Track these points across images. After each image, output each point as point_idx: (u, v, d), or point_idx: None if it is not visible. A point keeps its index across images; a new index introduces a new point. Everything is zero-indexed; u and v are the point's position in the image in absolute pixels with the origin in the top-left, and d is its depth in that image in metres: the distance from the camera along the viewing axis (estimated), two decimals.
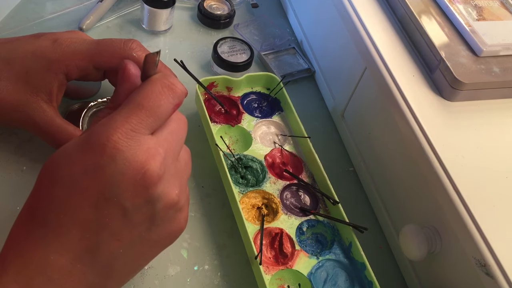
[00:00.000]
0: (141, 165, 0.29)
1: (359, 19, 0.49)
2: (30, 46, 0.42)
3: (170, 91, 0.32)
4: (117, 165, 0.29)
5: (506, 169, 0.40)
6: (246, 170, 0.48)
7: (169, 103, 0.32)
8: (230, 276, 0.43)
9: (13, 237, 0.30)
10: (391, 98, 0.44)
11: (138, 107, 0.30)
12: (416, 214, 0.44)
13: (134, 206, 0.30)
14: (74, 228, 0.29)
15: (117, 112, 0.30)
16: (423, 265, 0.44)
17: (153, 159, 0.30)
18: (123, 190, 0.29)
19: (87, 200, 0.29)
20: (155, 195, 0.30)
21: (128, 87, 0.33)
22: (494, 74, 0.44)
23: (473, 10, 0.49)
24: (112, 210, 0.29)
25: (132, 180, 0.29)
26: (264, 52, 0.63)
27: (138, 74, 0.33)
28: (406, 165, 0.45)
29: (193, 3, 0.68)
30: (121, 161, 0.29)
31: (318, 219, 0.47)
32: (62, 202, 0.29)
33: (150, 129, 0.31)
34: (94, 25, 0.60)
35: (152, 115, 0.30)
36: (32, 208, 0.30)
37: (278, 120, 0.54)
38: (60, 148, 0.30)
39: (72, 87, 0.49)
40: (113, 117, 0.30)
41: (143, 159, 0.29)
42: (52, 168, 0.30)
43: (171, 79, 0.32)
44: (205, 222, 0.47)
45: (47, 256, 0.29)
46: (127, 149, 0.29)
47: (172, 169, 0.32)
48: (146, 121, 0.30)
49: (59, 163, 0.30)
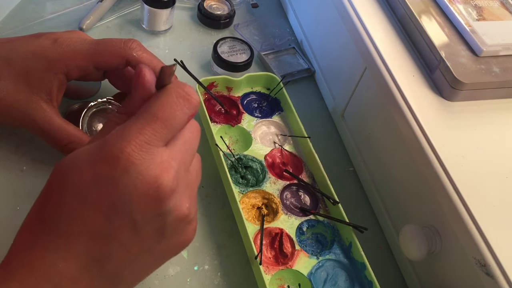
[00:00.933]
0: (154, 179, 0.29)
1: (359, 19, 0.49)
2: (30, 46, 0.42)
3: (185, 101, 0.31)
4: (130, 178, 0.28)
5: (506, 169, 0.40)
6: (246, 170, 0.48)
7: (184, 114, 0.31)
8: (230, 276, 0.43)
9: (20, 242, 0.30)
10: (391, 98, 0.44)
11: (153, 118, 0.30)
12: (416, 214, 0.44)
13: (145, 219, 0.29)
14: (84, 237, 0.29)
15: (131, 121, 0.30)
16: (423, 265, 0.44)
17: (167, 172, 0.29)
18: (135, 203, 0.29)
19: (97, 211, 0.29)
20: (166, 209, 0.30)
21: (143, 94, 0.32)
22: (494, 74, 0.44)
23: (473, 10, 0.49)
24: (123, 222, 0.29)
25: (145, 193, 0.29)
26: (264, 52, 0.63)
27: (153, 80, 0.32)
28: (406, 165, 0.45)
29: (193, 3, 0.68)
30: (134, 175, 0.28)
31: (318, 219, 0.47)
32: (73, 210, 0.29)
33: (164, 141, 0.30)
34: (94, 25, 0.60)
35: (166, 127, 0.30)
36: (41, 213, 0.30)
37: (278, 120, 0.54)
38: (72, 153, 0.30)
39: (72, 87, 0.49)
40: (126, 126, 0.30)
41: (156, 173, 0.29)
42: (63, 174, 0.30)
43: (186, 89, 0.32)
44: (205, 222, 0.47)
45: (55, 264, 0.28)
46: (140, 163, 0.28)
47: (184, 181, 0.31)
48: (161, 133, 0.30)
49: (71, 170, 0.29)
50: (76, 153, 0.30)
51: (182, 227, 0.32)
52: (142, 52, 0.43)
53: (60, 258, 0.28)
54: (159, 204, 0.29)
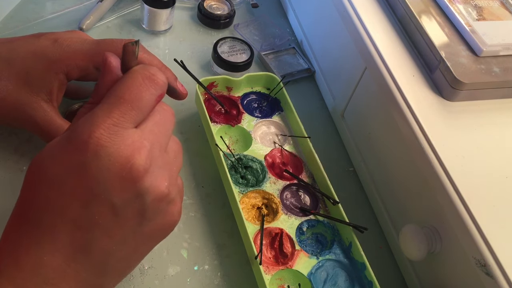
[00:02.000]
0: (126, 160, 0.29)
1: (359, 19, 0.49)
2: (31, 46, 0.42)
3: (151, 82, 0.31)
4: (102, 162, 0.28)
5: (506, 169, 0.40)
6: (246, 170, 0.48)
7: (151, 94, 0.31)
8: (230, 276, 0.43)
9: (5, 240, 0.30)
10: (391, 98, 0.44)
11: (120, 101, 0.30)
12: (416, 214, 0.44)
13: (123, 201, 0.29)
14: (65, 228, 0.29)
15: (98, 107, 0.30)
16: (423, 265, 0.44)
17: (138, 152, 0.29)
18: (110, 186, 0.29)
19: (75, 199, 0.29)
20: (143, 189, 0.30)
21: (109, 80, 0.32)
22: (494, 74, 0.44)
23: (473, 10, 0.49)
24: (102, 207, 0.29)
25: (119, 175, 0.29)
26: (264, 52, 0.63)
27: (118, 65, 0.32)
28: (406, 165, 0.45)
29: (193, 3, 0.68)
30: (105, 157, 0.28)
31: (318, 219, 0.47)
32: (51, 203, 0.29)
33: (134, 123, 0.30)
34: (94, 25, 0.60)
35: (134, 108, 0.30)
36: (21, 208, 0.30)
37: (278, 120, 0.54)
38: (44, 148, 0.30)
39: (72, 87, 0.49)
40: (94, 112, 0.30)
41: (128, 153, 0.29)
42: (38, 168, 0.30)
43: (151, 70, 0.32)
44: (205, 222, 0.47)
45: (40, 257, 0.28)
46: (110, 145, 0.28)
47: (159, 161, 0.31)
48: (129, 114, 0.30)
49: (45, 163, 0.29)
50: (49, 145, 0.30)
51: (163, 207, 0.32)
52: (142, 53, 0.43)
53: (45, 251, 0.29)
54: (135, 184, 0.29)
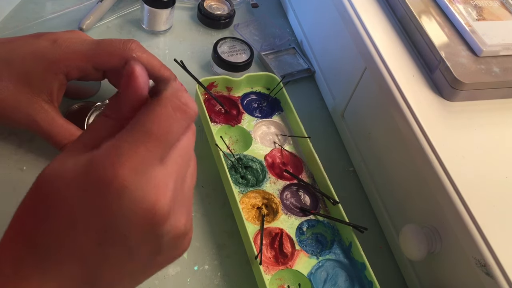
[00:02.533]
0: (151, 205, 0.26)
1: (359, 19, 0.49)
2: (30, 46, 0.42)
3: (182, 113, 0.28)
4: (125, 204, 0.26)
5: (506, 169, 0.40)
6: (246, 170, 0.48)
7: (181, 127, 0.28)
8: (230, 276, 0.43)
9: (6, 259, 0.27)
10: (391, 98, 0.44)
11: (147, 135, 0.27)
12: (416, 214, 0.44)
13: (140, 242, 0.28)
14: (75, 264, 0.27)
15: (123, 138, 0.27)
16: (423, 265, 0.44)
17: (164, 196, 0.27)
18: (129, 230, 0.27)
19: (89, 237, 0.27)
20: (163, 231, 0.28)
21: (134, 98, 0.29)
22: (494, 74, 0.44)
23: (473, 10, 0.49)
24: (117, 248, 0.27)
25: (141, 219, 0.27)
26: (264, 52, 0.63)
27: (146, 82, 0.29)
28: (406, 165, 0.45)
29: (193, 3, 0.68)
30: (129, 201, 0.26)
31: (318, 219, 0.47)
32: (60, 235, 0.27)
33: (160, 159, 0.27)
34: (94, 25, 0.60)
35: (162, 143, 0.27)
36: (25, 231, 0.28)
37: (278, 120, 0.54)
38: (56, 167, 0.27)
39: (72, 87, 0.49)
40: (119, 145, 0.27)
41: (153, 198, 0.26)
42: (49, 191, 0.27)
43: (183, 98, 0.28)
44: (205, 222, 0.47)
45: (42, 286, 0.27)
46: (135, 188, 0.26)
47: (180, 196, 0.29)
48: (156, 151, 0.27)
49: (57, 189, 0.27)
50: (62, 170, 0.27)
51: (179, 243, 0.31)
52: (141, 53, 0.43)
53: (49, 280, 0.27)
54: (156, 228, 0.27)
